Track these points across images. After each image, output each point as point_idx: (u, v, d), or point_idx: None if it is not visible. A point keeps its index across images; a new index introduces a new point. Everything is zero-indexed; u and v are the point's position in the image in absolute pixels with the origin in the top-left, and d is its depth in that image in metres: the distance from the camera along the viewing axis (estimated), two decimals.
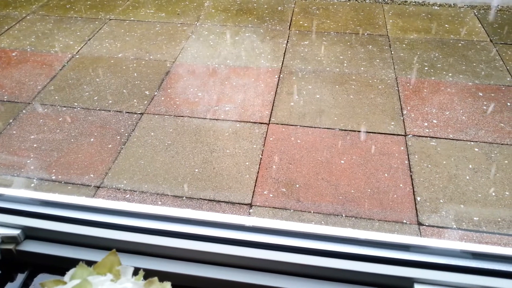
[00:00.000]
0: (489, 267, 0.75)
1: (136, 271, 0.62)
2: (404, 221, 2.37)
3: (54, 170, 2.68)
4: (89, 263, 0.63)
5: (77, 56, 3.84)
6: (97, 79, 3.53)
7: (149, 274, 0.63)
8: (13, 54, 3.87)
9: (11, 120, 3.09)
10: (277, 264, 0.79)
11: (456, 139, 2.90)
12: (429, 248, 0.78)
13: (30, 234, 0.85)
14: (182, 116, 3.13)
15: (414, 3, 4.80)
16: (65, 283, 0.59)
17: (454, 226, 2.34)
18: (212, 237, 0.81)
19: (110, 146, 2.87)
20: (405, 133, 2.96)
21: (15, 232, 0.83)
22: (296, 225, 0.83)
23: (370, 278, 0.78)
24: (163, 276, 0.64)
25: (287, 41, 4.07)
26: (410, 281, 0.76)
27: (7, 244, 0.83)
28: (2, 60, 3.79)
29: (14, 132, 2.98)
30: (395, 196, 2.50)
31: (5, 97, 3.33)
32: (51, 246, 0.84)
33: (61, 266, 0.68)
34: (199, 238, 0.81)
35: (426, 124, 3.03)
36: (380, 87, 3.42)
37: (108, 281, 0.59)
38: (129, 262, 0.77)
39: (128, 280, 0.60)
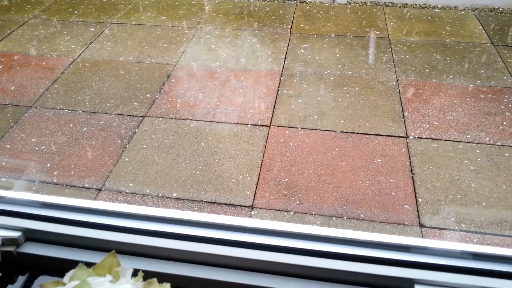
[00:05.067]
0: (490, 268, 0.75)
1: (135, 272, 0.62)
2: (406, 223, 2.36)
3: (55, 173, 2.69)
4: (89, 265, 0.63)
5: (78, 60, 3.86)
6: (99, 83, 3.54)
7: (148, 275, 0.63)
8: (15, 57, 3.88)
9: (13, 124, 3.10)
10: (277, 265, 0.79)
11: (457, 141, 2.90)
12: (429, 249, 0.78)
13: (31, 236, 0.85)
14: (183, 119, 3.13)
15: (415, 5, 4.80)
16: (64, 284, 0.59)
17: (456, 228, 2.33)
18: (212, 238, 0.81)
19: (111, 149, 2.87)
20: (406, 135, 2.95)
21: (16, 234, 0.83)
22: (297, 227, 0.83)
23: (370, 279, 0.78)
24: (162, 277, 0.64)
25: (288, 44, 4.08)
26: (410, 282, 0.75)
27: (8, 246, 0.83)
28: (4, 63, 3.80)
29: (15, 135, 2.99)
30: (396, 198, 2.50)
31: (7, 100, 3.34)
32: (52, 248, 0.84)
33: (61, 268, 0.68)
34: (198, 240, 0.81)
35: (427, 126, 3.03)
36: (381, 89, 3.42)
37: (107, 282, 0.59)
38: (129, 263, 0.77)
39: (127, 281, 0.60)
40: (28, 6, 4.86)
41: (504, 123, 3.04)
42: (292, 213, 2.43)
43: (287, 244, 0.80)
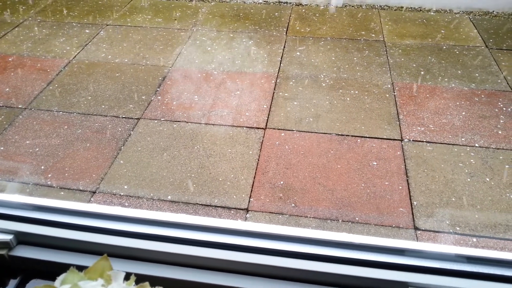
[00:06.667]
0: (484, 271, 0.75)
1: (127, 276, 0.61)
2: (401, 226, 2.36)
3: (49, 175, 2.67)
4: (81, 268, 0.63)
5: (74, 61, 3.84)
6: (94, 85, 3.53)
7: (140, 279, 0.62)
8: (10, 59, 3.86)
9: (7, 125, 3.08)
10: (271, 269, 0.79)
11: (452, 144, 2.91)
12: (423, 252, 0.78)
13: (23, 239, 0.84)
14: (178, 121, 3.12)
15: (410, 9, 4.83)
16: None
17: (451, 231, 2.34)
18: (205, 241, 0.80)
19: (106, 151, 2.86)
20: (401, 138, 2.96)
21: (8, 237, 0.82)
22: (291, 230, 0.82)
23: (364, 283, 0.78)
24: (155, 281, 0.63)
25: (284, 47, 4.08)
26: (405, 285, 0.75)
27: (0, 249, 0.82)
28: None
29: (9, 137, 2.97)
30: (391, 200, 2.50)
31: (1, 102, 3.32)
32: (44, 251, 0.83)
33: (53, 272, 0.67)
34: (191, 243, 0.80)
35: (422, 129, 3.04)
36: (376, 92, 3.43)
37: (99, 286, 0.58)
38: (121, 267, 0.77)
39: (119, 285, 0.59)
40: (23, 7, 4.84)
41: (498, 126, 3.06)
42: (287, 216, 2.43)
43: (281, 248, 0.80)
